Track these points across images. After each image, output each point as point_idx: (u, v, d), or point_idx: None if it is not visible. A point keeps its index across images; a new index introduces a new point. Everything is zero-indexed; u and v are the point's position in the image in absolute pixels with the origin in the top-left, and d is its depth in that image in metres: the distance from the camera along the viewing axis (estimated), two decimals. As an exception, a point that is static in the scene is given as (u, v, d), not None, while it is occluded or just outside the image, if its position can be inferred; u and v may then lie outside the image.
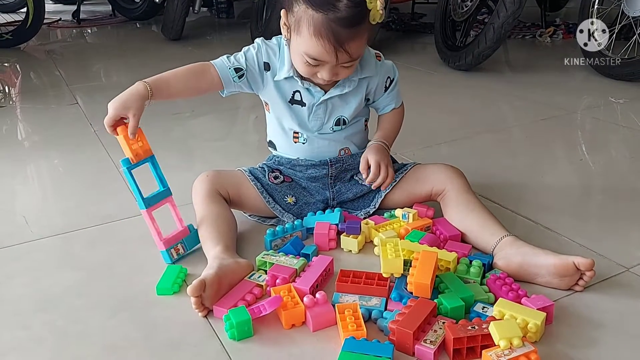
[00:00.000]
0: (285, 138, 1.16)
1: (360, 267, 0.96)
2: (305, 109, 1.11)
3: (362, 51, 1.03)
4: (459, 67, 2.36)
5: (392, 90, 1.16)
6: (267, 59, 1.10)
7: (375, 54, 1.13)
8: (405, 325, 0.78)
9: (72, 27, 3.92)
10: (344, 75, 1.05)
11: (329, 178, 1.15)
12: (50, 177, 1.53)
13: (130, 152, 1.00)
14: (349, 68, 1.03)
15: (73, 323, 0.89)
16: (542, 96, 2.04)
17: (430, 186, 1.11)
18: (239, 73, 1.10)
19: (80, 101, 2.13)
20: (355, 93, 1.12)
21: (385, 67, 1.14)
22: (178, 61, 1.17)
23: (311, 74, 1.04)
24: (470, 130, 1.69)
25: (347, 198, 1.17)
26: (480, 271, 0.93)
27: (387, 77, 1.15)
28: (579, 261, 0.88)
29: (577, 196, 1.29)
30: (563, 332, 0.82)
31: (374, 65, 1.12)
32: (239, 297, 0.89)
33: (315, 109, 1.11)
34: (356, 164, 1.15)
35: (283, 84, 1.10)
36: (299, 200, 1.14)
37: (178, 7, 3.02)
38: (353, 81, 1.09)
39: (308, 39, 0.98)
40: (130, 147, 1.00)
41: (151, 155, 1.04)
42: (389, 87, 1.16)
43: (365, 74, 1.11)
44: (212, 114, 1.98)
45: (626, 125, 1.76)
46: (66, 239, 1.15)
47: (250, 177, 1.14)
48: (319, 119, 1.12)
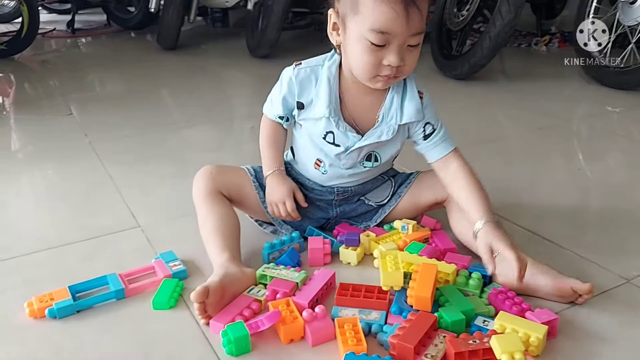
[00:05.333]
0: (307, 159, 1.10)
1: (359, 280, 0.95)
2: (338, 149, 1.04)
3: (424, 22, 0.90)
4: (455, 76, 2.36)
5: (435, 138, 1.02)
6: (300, 97, 1.02)
7: (418, 92, 1.01)
8: (406, 340, 0.77)
9: (66, 36, 3.91)
10: (410, 64, 0.93)
11: (334, 201, 1.13)
12: (45, 189, 1.51)
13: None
14: (414, 51, 0.92)
15: (69, 338, 0.87)
16: (538, 105, 2.05)
17: (434, 195, 1.08)
18: (284, 119, 1.08)
19: (75, 112, 2.12)
20: (393, 140, 1.04)
21: (428, 111, 1.02)
22: (172, 70, 1.16)
23: (376, 66, 0.92)
24: (467, 140, 1.69)
25: (350, 216, 1.15)
26: (480, 283, 0.93)
27: (427, 122, 1.02)
28: (578, 287, 0.88)
29: (575, 206, 1.29)
30: (564, 345, 0.82)
31: (414, 110, 1.00)
32: (236, 312, 0.88)
33: (349, 152, 1.04)
34: (366, 190, 1.13)
35: (316, 122, 1.03)
36: (300, 213, 1.12)
37: (173, 16, 3.02)
38: (392, 127, 1.01)
39: (372, 8, 0.87)
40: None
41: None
42: (429, 136, 1.03)
43: (406, 120, 1.01)
44: (207, 124, 1.97)
45: (623, 134, 1.77)
46: (61, 252, 1.13)
47: (255, 183, 1.11)
48: (352, 160, 1.05)
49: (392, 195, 1.13)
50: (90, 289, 0.98)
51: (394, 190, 1.13)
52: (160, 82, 2.63)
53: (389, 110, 1.01)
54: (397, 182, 1.14)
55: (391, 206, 1.13)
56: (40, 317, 0.92)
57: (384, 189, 1.14)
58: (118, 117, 2.07)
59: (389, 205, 1.13)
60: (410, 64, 0.94)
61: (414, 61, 0.94)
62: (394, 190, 1.13)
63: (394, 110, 1.01)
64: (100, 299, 0.95)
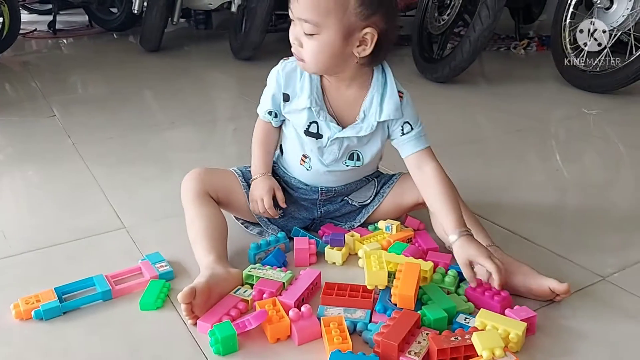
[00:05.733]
0: (293, 155, 1.12)
1: (344, 279, 0.97)
2: (321, 141, 1.06)
3: (314, 14, 0.92)
4: (436, 79, 2.39)
5: (410, 134, 1.04)
6: (286, 89, 1.06)
7: (398, 92, 1.04)
8: (390, 337, 0.79)
9: (47, 37, 3.88)
10: (306, 53, 0.96)
11: (318, 201, 1.15)
12: (29, 191, 1.51)
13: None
14: (310, 42, 0.95)
15: (55, 340, 0.87)
16: (517, 107, 2.09)
17: (417, 196, 1.10)
18: (272, 115, 1.10)
19: (57, 113, 2.11)
20: (374, 137, 1.06)
21: (407, 111, 1.04)
22: (155, 72, 1.17)
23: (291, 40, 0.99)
24: (448, 141, 1.72)
25: (334, 216, 1.17)
26: (456, 280, 0.95)
27: (406, 122, 1.04)
28: (556, 287, 0.90)
29: (552, 205, 1.32)
30: (543, 341, 0.84)
31: (393, 108, 1.02)
32: (223, 312, 0.89)
33: (329, 143, 1.06)
34: (349, 190, 1.15)
35: (300, 112, 1.06)
36: (286, 213, 1.14)
37: (156, 18, 3.01)
38: (371, 124, 1.04)
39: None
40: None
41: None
42: (407, 133, 1.05)
43: (384, 117, 1.03)
44: (190, 126, 1.98)
45: (599, 136, 1.81)
46: (46, 253, 1.13)
47: (243, 183, 1.13)
48: (333, 154, 1.08)
49: (375, 195, 1.16)
50: (77, 290, 0.99)
51: (376, 191, 1.16)
52: (144, 83, 2.63)
53: (370, 107, 1.04)
54: (380, 182, 1.16)
55: (374, 206, 1.15)
56: (26, 319, 0.92)
57: (367, 189, 1.16)
58: (101, 118, 2.06)
59: (372, 205, 1.15)
60: (307, 53, 0.96)
61: (310, 52, 0.96)
62: (376, 191, 1.16)
63: (374, 107, 1.03)
64: (86, 300, 0.95)
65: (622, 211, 1.29)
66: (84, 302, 0.95)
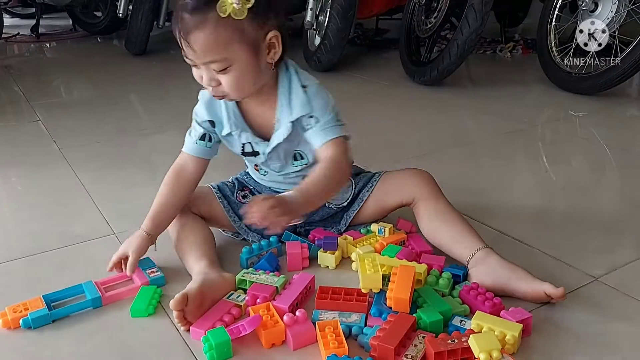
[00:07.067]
0: (250, 165, 1.16)
1: (337, 282, 0.96)
2: (260, 157, 1.07)
3: (217, 52, 0.90)
4: (424, 82, 2.40)
5: (316, 126, 0.99)
6: (210, 116, 1.05)
7: (302, 85, 1.00)
8: (386, 341, 0.79)
9: (30, 41, 3.83)
10: (228, 86, 0.94)
11: None
12: (15, 197, 1.48)
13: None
14: (227, 75, 0.93)
15: (45, 349, 0.86)
16: (504, 110, 2.10)
17: (400, 197, 1.10)
18: (206, 138, 1.07)
19: (41, 118, 2.08)
20: (300, 135, 1.03)
21: (315, 102, 0.99)
22: (141, 76, 1.16)
23: (201, 81, 0.97)
24: (436, 144, 1.72)
25: (314, 220, 1.16)
26: (450, 283, 0.95)
27: (312, 115, 0.99)
28: (551, 291, 0.90)
29: (542, 207, 1.33)
30: (539, 342, 0.84)
31: (300, 104, 0.99)
32: (216, 318, 0.88)
33: (267, 156, 1.07)
34: None
35: (228, 138, 1.07)
36: None
37: (142, 21, 2.99)
38: (286, 125, 1.01)
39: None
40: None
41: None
42: (311, 127, 1.00)
43: (295, 115, 1.00)
44: (178, 130, 1.93)
45: (585, 137, 1.83)
46: (34, 261, 1.11)
47: (218, 194, 1.14)
48: (278, 161, 1.08)
49: (353, 198, 1.14)
50: (66, 298, 0.97)
51: (354, 193, 1.14)
52: (130, 87, 2.60)
53: (281, 110, 1.02)
54: (357, 184, 1.14)
55: (354, 210, 1.13)
56: (14, 328, 0.90)
57: (343, 191, 1.13)
58: (87, 123, 2.04)
59: (352, 209, 1.14)
60: (228, 86, 0.95)
61: (232, 84, 0.94)
62: (354, 193, 1.14)
63: (285, 109, 1.02)
64: (76, 307, 0.94)
65: (610, 212, 1.30)
66: (74, 309, 0.94)
